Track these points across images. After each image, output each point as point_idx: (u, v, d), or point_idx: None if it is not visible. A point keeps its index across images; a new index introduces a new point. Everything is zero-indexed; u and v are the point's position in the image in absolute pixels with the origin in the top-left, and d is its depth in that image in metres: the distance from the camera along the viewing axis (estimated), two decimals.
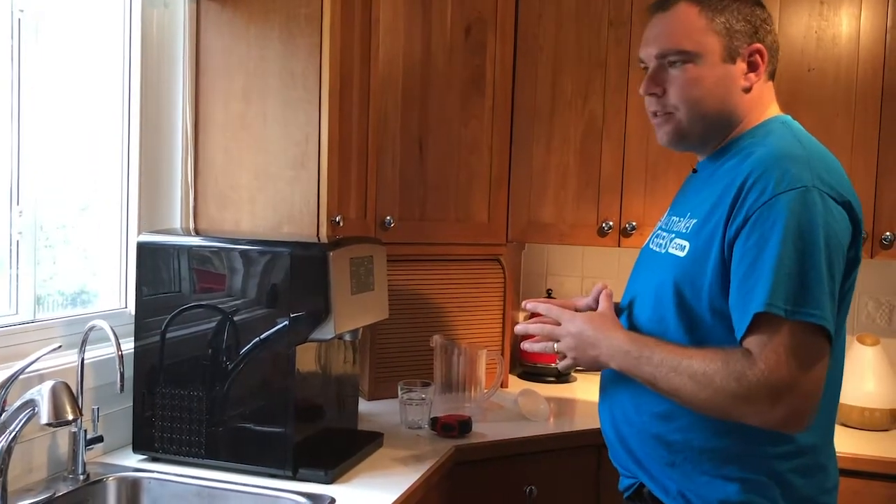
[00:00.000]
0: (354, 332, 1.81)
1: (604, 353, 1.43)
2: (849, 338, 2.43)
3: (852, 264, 1.34)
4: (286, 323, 1.66)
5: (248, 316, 1.69)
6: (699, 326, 1.36)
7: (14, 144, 1.65)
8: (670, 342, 1.37)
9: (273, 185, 1.99)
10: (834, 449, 1.45)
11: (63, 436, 1.64)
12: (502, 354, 2.47)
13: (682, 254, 1.41)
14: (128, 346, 1.72)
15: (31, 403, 1.40)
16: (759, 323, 1.25)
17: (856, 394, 2.25)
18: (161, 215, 2.03)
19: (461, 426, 2.03)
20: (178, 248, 1.74)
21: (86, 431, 1.62)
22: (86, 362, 1.64)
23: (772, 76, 1.50)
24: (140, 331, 1.75)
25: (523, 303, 1.62)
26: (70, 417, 1.38)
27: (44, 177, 1.73)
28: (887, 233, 2.24)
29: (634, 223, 2.45)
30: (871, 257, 2.28)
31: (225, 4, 2.01)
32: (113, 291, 1.96)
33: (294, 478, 1.66)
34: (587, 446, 2.13)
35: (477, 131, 2.44)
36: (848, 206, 1.32)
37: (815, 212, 1.26)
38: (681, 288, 1.38)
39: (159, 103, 2.02)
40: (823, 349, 1.26)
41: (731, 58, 1.43)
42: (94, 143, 1.92)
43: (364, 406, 2.21)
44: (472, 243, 2.48)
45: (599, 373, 1.59)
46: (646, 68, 1.50)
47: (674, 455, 1.40)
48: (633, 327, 1.48)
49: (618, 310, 1.55)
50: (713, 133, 1.48)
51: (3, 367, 1.52)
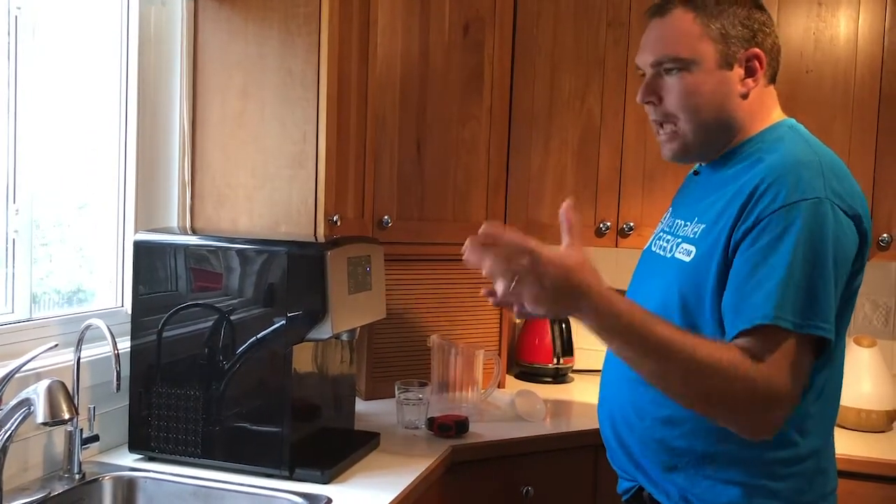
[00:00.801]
0: (351, 332, 1.81)
1: (585, 308, 1.22)
2: (846, 339, 2.45)
3: (856, 275, 1.33)
4: (283, 322, 1.65)
5: (244, 315, 1.69)
6: (701, 328, 1.32)
7: (11, 142, 1.64)
8: (666, 321, 1.25)
9: (270, 184, 1.98)
10: (834, 452, 1.44)
11: (59, 435, 1.64)
12: (499, 355, 2.46)
13: (688, 259, 1.38)
14: (124, 345, 1.72)
15: (26, 402, 1.39)
16: (763, 331, 1.22)
17: (852, 395, 2.25)
18: (158, 214, 2.03)
19: (458, 426, 2.03)
20: (175, 247, 1.73)
21: (82, 430, 1.62)
22: (82, 361, 1.64)
23: (773, 79, 1.47)
24: (136, 330, 1.75)
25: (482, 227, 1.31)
26: (66, 416, 1.37)
27: (40, 175, 1.72)
28: (884, 234, 2.24)
29: (632, 224, 2.45)
30: (869, 259, 2.27)
31: (223, 2, 2.00)
32: (109, 290, 1.96)
33: (290, 478, 1.66)
34: (584, 447, 2.13)
35: (475, 131, 2.44)
36: (857, 219, 1.30)
37: (826, 224, 1.24)
38: (685, 296, 1.35)
39: (156, 101, 2.01)
40: (812, 361, 1.26)
41: (727, 64, 1.40)
42: (90, 142, 1.92)
43: (361, 406, 2.21)
44: None
45: (598, 373, 1.58)
46: (643, 75, 1.47)
47: (676, 459, 1.38)
48: None
49: None
50: (715, 141, 1.44)
51: None
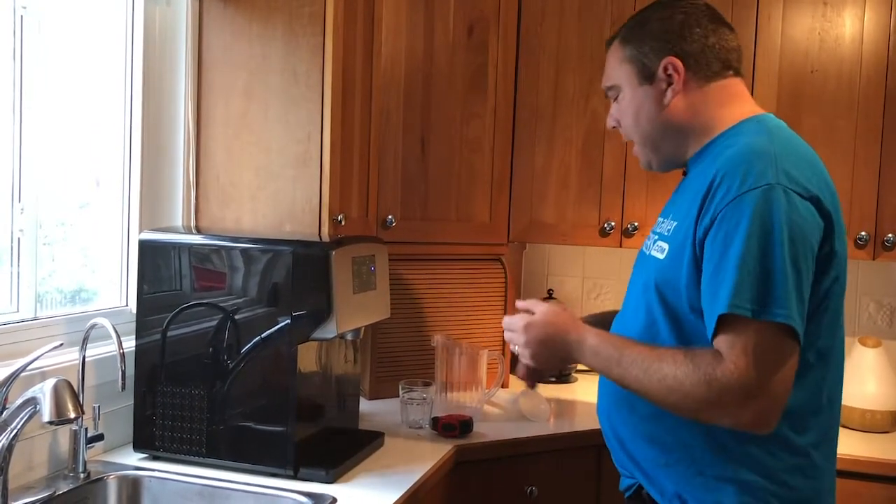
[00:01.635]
0: (356, 332, 1.81)
1: (571, 352, 1.43)
2: (850, 339, 2.43)
3: (828, 259, 1.32)
4: (287, 322, 1.65)
5: (249, 314, 1.69)
6: (684, 326, 1.36)
7: (16, 142, 1.64)
8: (640, 342, 1.37)
9: (275, 183, 1.98)
10: (834, 450, 1.44)
11: (64, 434, 1.64)
12: (503, 354, 2.46)
13: (661, 256, 1.42)
14: (129, 344, 1.72)
15: (32, 401, 1.39)
16: (726, 323, 1.25)
17: (857, 396, 2.25)
18: (162, 213, 2.03)
19: (462, 426, 2.02)
20: (180, 246, 1.74)
21: (87, 429, 1.62)
22: (87, 360, 1.64)
23: (719, 74, 1.46)
24: (141, 329, 1.75)
25: (517, 302, 1.57)
26: (72, 415, 1.37)
27: (46, 174, 1.72)
28: (889, 234, 2.24)
29: (636, 223, 2.44)
30: (874, 259, 2.28)
31: (227, 2, 2.01)
32: (114, 289, 1.96)
33: (295, 477, 1.66)
34: (588, 446, 2.13)
35: (479, 130, 2.44)
36: (816, 201, 1.30)
37: (778, 210, 1.25)
38: (662, 290, 1.39)
39: (161, 101, 2.01)
40: (791, 348, 1.25)
41: (646, 79, 1.48)
42: (95, 141, 1.92)
43: (365, 405, 2.21)
44: (473, 243, 2.48)
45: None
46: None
47: (667, 455, 1.40)
48: (629, 329, 1.47)
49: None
50: (669, 147, 1.51)
51: (4, 364, 1.51)
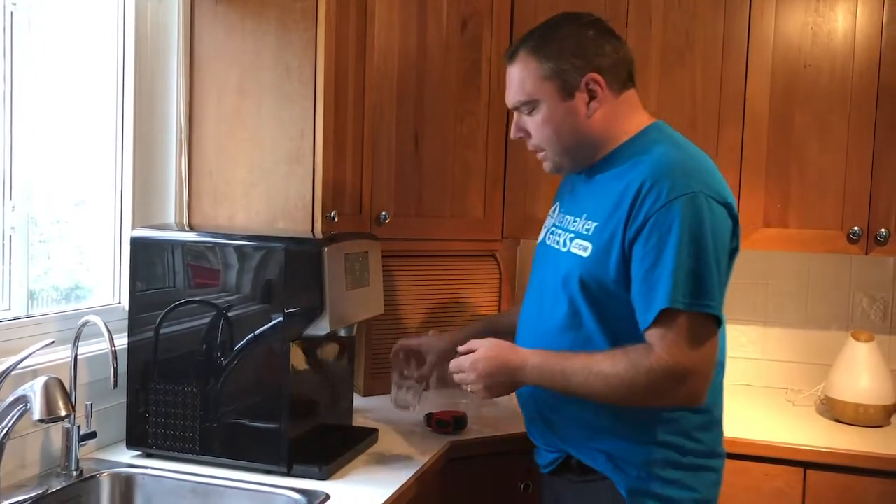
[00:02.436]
0: (349, 328, 1.81)
1: (518, 376, 1.56)
2: (843, 334, 2.46)
3: (733, 255, 1.54)
4: (280, 319, 1.65)
5: (242, 312, 1.69)
6: (609, 317, 1.54)
7: (7, 139, 1.63)
8: (576, 353, 1.53)
9: (267, 180, 1.98)
10: (722, 408, 1.64)
11: (56, 432, 1.64)
12: None
13: (585, 254, 1.56)
14: (121, 341, 1.72)
15: (23, 399, 1.39)
16: (662, 317, 1.43)
17: (850, 390, 2.26)
18: (155, 210, 2.02)
19: (456, 422, 2.03)
20: (173, 244, 1.73)
21: (79, 427, 1.62)
22: (79, 358, 1.63)
23: (626, 84, 1.61)
24: (134, 326, 1.75)
25: (458, 348, 1.69)
26: (63, 413, 1.37)
27: (37, 172, 1.72)
28: (882, 229, 2.24)
29: None
30: (867, 254, 2.28)
31: None
32: (107, 287, 1.96)
33: (288, 474, 1.66)
34: None
35: (473, 126, 2.43)
36: (728, 206, 1.50)
37: (703, 215, 1.44)
38: (587, 283, 1.54)
39: (153, 97, 2.00)
40: (714, 332, 1.46)
41: (568, 94, 1.57)
42: (87, 138, 1.91)
43: (359, 402, 2.21)
44: (467, 239, 2.48)
45: None
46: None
47: (596, 429, 1.57)
48: (548, 320, 1.62)
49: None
50: (581, 156, 1.63)
51: None
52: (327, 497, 1.56)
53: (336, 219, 1.98)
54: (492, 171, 2.48)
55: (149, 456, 1.74)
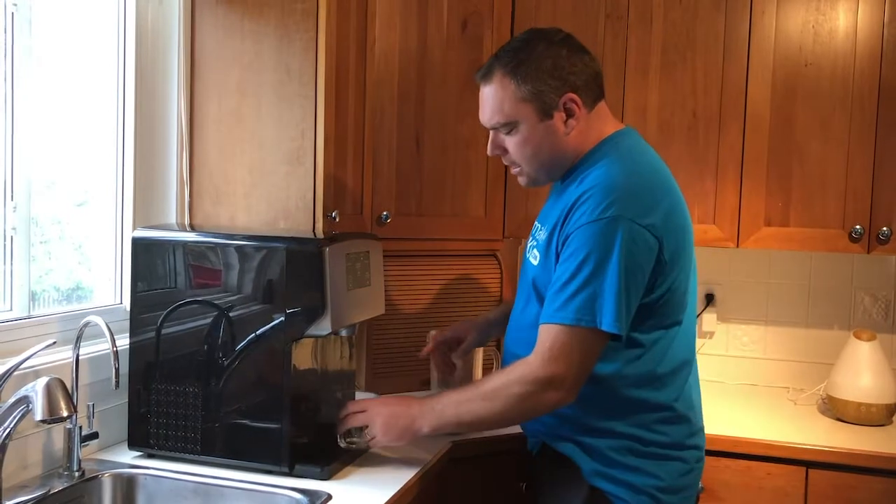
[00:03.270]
0: (351, 328, 1.80)
1: (415, 421, 1.66)
2: (845, 333, 2.46)
3: (663, 268, 1.57)
4: (282, 319, 1.65)
5: (243, 312, 1.69)
6: None
7: (8, 139, 1.64)
8: (460, 391, 1.68)
9: (268, 180, 1.98)
10: (694, 400, 1.72)
11: (58, 432, 1.64)
12: (498, 350, 2.46)
13: (535, 262, 1.69)
14: (123, 341, 1.72)
15: (25, 400, 1.39)
16: (545, 328, 1.56)
17: (852, 389, 2.26)
18: (156, 211, 2.02)
19: None
20: (174, 244, 1.73)
21: (81, 428, 1.62)
22: (81, 358, 1.63)
23: (597, 99, 1.67)
24: (135, 327, 1.75)
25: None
26: (65, 414, 1.37)
27: (38, 172, 1.72)
28: (884, 228, 2.24)
29: None
30: (868, 252, 2.28)
31: None
32: (108, 287, 1.96)
33: (290, 474, 1.66)
34: None
35: (474, 126, 2.41)
36: (652, 227, 1.55)
37: (614, 239, 1.51)
38: (538, 288, 1.66)
39: (154, 98, 2.01)
40: (597, 345, 1.56)
41: (546, 115, 1.63)
42: (88, 139, 1.91)
43: None
44: (468, 239, 2.48)
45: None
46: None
47: (563, 421, 1.66)
48: (523, 318, 1.73)
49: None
50: (557, 170, 1.71)
51: None
52: (329, 497, 1.56)
53: (337, 219, 1.98)
54: (493, 171, 2.47)
55: (150, 456, 1.74)
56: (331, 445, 1.78)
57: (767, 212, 2.34)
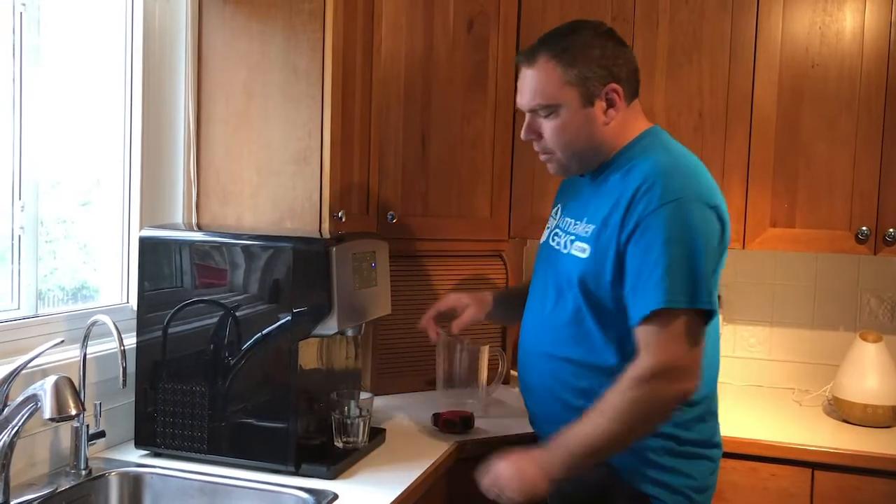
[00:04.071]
0: (357, 328, 1.81)
1: (546, 469, 1.54)
2: (851, 335, 2.45)
3: (720, 252, 1.59)
4: (288, 318, 1.65)
5: (250, 311, 1.69)
6: (605, 315, 1.60)
7: (16, 139, 1.64)
8: (583, 418, 1.55)
9: (275, 180, 1.98)
10: (717, 400, 1.72)
11: (65, 431, 1.64)
12: (504, 350, 2.46)
13: (584, 255, 1.63)
14: (130, 341, 1.72)
15: (33, 398, 1.39)
16: (658, 315, 1.49)
17: (857, 391, 2.25)
18: (163, 210, 2.03)
19: (463, 422, 2.03)
20: (180, 243, 1.74)
21: (88, 426, 1.62)
22: (88, 357, 1.64)
23: (635, 94, 1.68)
24: (142, 326, 1.75)
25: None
26: (73, 412, 1.38)
27: (46, 172, 1.72)
28: (890, 229, 2.23)
29: None
30: (875, 254, 2.28)
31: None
32: (115, 286, 1.96)
33: (296, 473, 1.66)
34: None
35: (479, 126, 2.44)
36: (716, 209, 1.57)
37: (692, 218, 1.52)
38: (587, 285, 1.61)
39: (161, 98, 2.01)
40: (703, 329, 1.53)
41: (589, 102, 1.63)
42: (96, 138, 1.92)
43: None
44: (474, 239, 2.48)
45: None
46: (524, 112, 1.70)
47: None
48: (553, 316, 1.68)
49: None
50: (590, 161, 1.69)
51: (5, 362, 1.52)
52: (335, 497, 1.57)
53: (343, 219, 1.98)
54: (498, 172, 2.48)
55: (157, 455, 1.75)
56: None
57: (773, 213, 2.34)
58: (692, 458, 1.63)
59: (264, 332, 1.68)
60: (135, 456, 1.75)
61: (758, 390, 2.63)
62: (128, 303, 1.96)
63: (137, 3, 1.94)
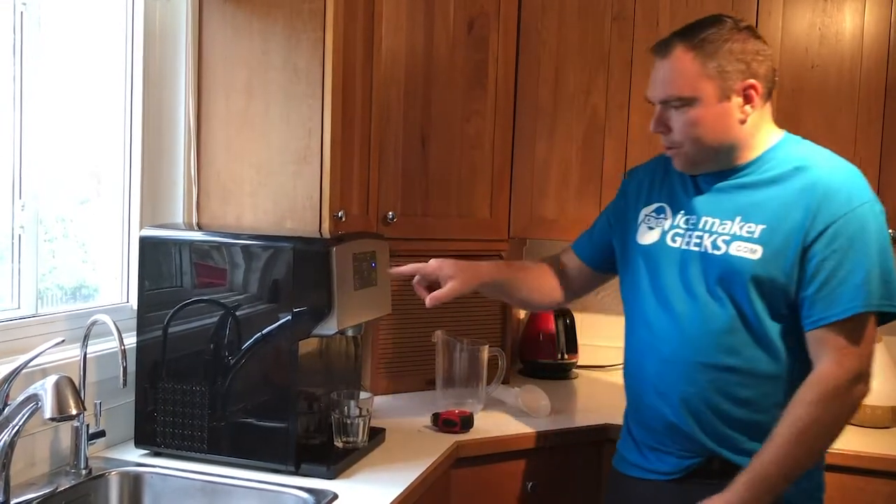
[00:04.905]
0: (357, 328, 1.81)
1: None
2: None
3: None
4: (288, 318, 1.65)
5: (250, 311, 1.69)
6: (777, 317, 1.57)
7: (16, 138, 1.64)
8: (763, 450, 1.53)
9: (275, 179, 1.98)
10: None
11: (65, 430, 1.64)
12: (503, 350, 2.46)
13: (755, 256, 1.57)
14: (130, 340, 1.72)
15: (34, 398, 1.39)
16: (856, 319, 1.51)
17: None
18: (163, 209, 2.03)
19: (463, 421, 2.03)
20: (181, 243, 1.74)
21: (88, 426, 1.62)
22: (88, 357, 1.64)
23: (770, 95, 1.63)
24: (142, 325, 1.75)
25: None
26: (73, 412, 1.37)
27: (45, 171, 1.72)
28: (890, 230, 2.22)
29: None
30: None
31: None
32: (115, 286, 1.96)
33: (296, 473, 1.66)
34: (589, 443, 2.13)
35: (479, 126, 2.44)
36: (883, 213, 1.59)
37: (880, 221, 1.56)
38: (761, 284, 1.56)
39: (161, 97, 2.01)
40: (875, 328, 1.56)
41: (726, 96, 1.58)
42: (96, 137, 1.92)
43: None
44: (474, 239, 2.48)
45: (603, 369, 1.61)
46: (654, 104, 1.66)
47: (749, 429, 1.60)
48: (705, 322, 1.60)
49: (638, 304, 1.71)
50: (719, 159, 1.63)
51: (5, 361, 1.52)
52: (335, 496, 1.57)
53: (343, 218, 1.98)
54: (498, 172, 2.48)
55: (157, 455, 1.75)
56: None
57: None
58: (817, 469, 1.69)
59: (264, 331, 1.68)
60: (135, 455, 1.74)
61: None
62: (128, 302, 1.96)
63: (138, 3, 1.94)
